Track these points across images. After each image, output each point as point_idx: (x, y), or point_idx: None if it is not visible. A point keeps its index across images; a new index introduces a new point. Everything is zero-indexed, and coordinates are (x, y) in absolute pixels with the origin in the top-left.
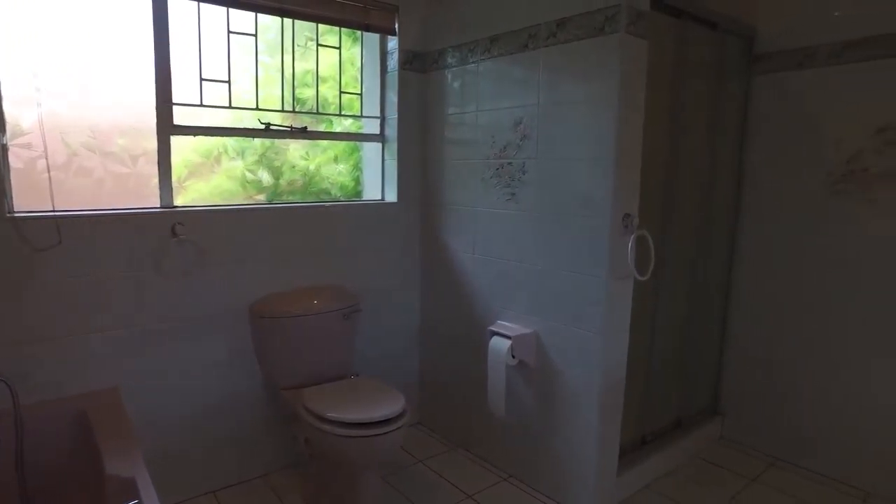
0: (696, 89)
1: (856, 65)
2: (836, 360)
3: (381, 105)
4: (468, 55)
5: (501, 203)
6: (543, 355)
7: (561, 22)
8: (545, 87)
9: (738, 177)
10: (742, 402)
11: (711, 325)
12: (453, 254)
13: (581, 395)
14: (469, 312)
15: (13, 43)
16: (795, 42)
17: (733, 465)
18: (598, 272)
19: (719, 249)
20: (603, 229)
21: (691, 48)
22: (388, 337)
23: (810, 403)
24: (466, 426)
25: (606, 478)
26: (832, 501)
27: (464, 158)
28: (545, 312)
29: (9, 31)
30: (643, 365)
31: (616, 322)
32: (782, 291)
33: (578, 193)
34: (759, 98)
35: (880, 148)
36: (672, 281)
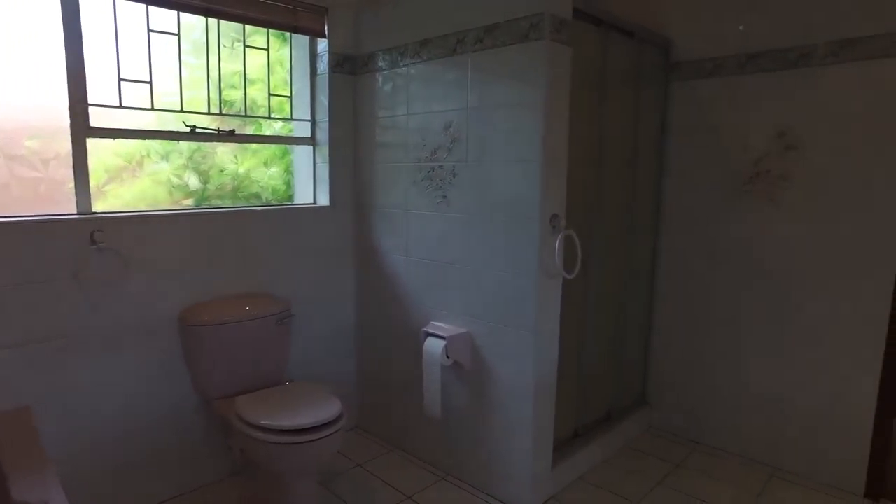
0: (618, 94)
1: (757, 75)
2: (745, 351)
3: (312, 108)
4: (398, 58)
5: (433, 205)
6: (477, 355)
7: (488, 28)
8: (474, 91)
9: (658, 178)
10: (667, 393)
11: (638, 320)
12: (387, 256)
13: (515, 392)
14: (404, 314)
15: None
16: (706, 52)
17: (660, 453)
18: (528, 272)
19: (643, 247)
20: (532, 230)
21: (612, 56)
22: (323, 341)
23: (725, 392)
24: (404, 427)
25: (541, 471)
26: (745, 478)
27: (395, 161)
28: (478, 312)
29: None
30: (575, 361)
31: (546, 320)
32: (698, 287)
33: (508, 195)
34: (676, 104)
35: (781, 152)
36: (600, 278)
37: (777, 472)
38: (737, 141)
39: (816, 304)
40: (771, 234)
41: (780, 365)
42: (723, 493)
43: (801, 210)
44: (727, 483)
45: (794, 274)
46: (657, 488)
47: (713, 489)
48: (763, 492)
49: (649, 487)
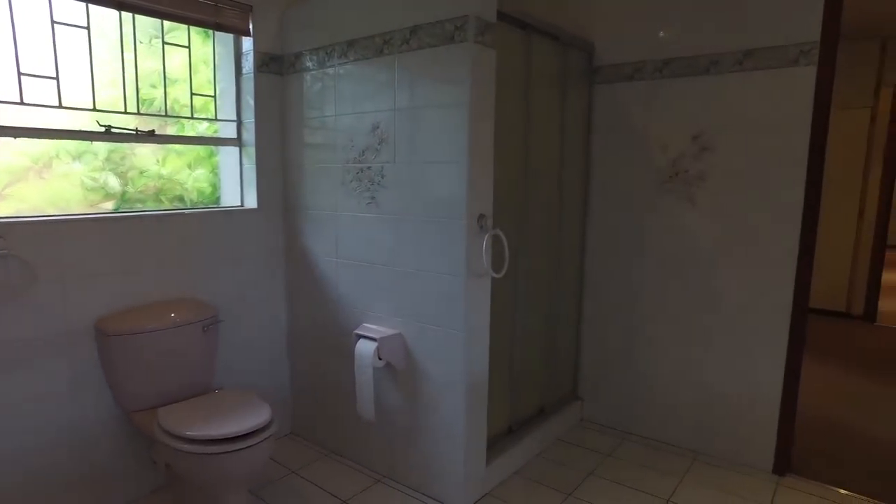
0: (543, 96)
1: (673, 80)
2: (669, 342)
3: (238, 108)
4: (325, 59)
5: (362, 207)
6: (409, 355)
7: (413, 29)
8: (401, 92)
9: (584, 178)
10: (598, 386)
11: (568, 316)
12: (317, 259)
13: (447, 392)
14: (336, 317)
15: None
16: (626, 57)
17: (592, 444)
18: (456, 272)
19: (572, 245)
20: (459, 230)
21: (537, 58)
22: (254, 347)
23: (651, 382)
24: (340, 432)
25: (475, 469)
26: (670, 463)
27: (324, 163)
28: (409, 313)
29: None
30: (507, 358)
31: (476, 319)
32: (624, 282)
33: (435, 196)
34: (599, 106)
35: (696, 153)
36: (529, 276)
37: (700, 456)
38: (656, 142)
39: (731, 295)
40: (690, 230)
41: (701, 354)
42: (649, 478)
43: (715, 207)
44: (654, 469)
45: (711, 267)
46: (589, 478)
47: (640, 475)
48: (686, 475)
49: (581, 478)
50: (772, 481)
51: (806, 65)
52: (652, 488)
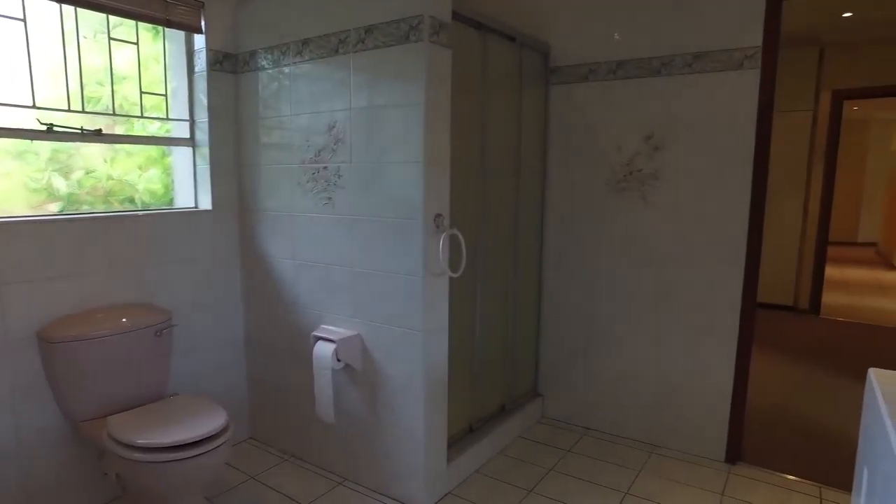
0: (500, 96)
1: (627, 80)
2: (626, 338)
3: (190, 107)
4: (280, 58)
5: (319, 207)
6: (368, 356)
7: (368, 29)
8: (357, 91)
9: (542, 177)
10: (558, 383)
11: (528, 313)
12: (274, 260)
13: (406, 392)
14: (293, 319)
15: None
16: (582, 58)
17: (552, 441)
18: (414, 272)
19: (530, 243)
20: (416, 230)
21: (493, 58)
22: (211, 351)
23: (610, 378)
24: (299, 435)
25: (436, 468)
26: (628, 457)
27: (280, 163)
28: (367, 314)
29: None
30: (467, 357)
31: (435, 318)
32: (582, 279)
33: (391, 196)
34: (556, 106)
35: (649, 153)
36: (488, 275)
37: (657, 449)
38: (611, 142)
39: (683, 291)
40: (644, 228)
41: (656, 350)
42: (608, 472)
43: (668, 205)
44: (612, 464)
45: (664, 264)
46: (549, 474)
47: (600, 470)
48: (643, 468)
49: (542, 474)
50: (724, 470)
51: (750, 68)
52: (611, 482)
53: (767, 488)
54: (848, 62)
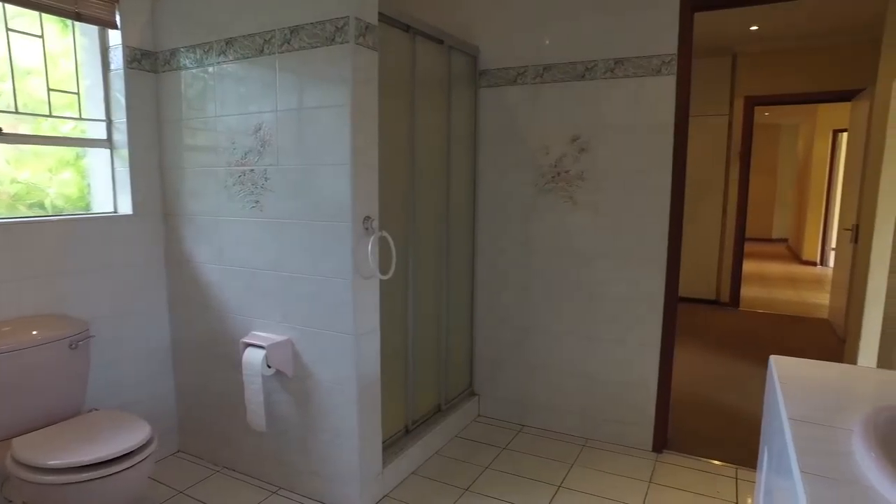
0: (430, 99)
1: (553, 84)
2: (558, 334)
3: (107, 107)
4: (204, 57)
5: (246, 211)
6: (300, 362)
7: (294, 29)
8: (283, 93)
9: (472, 179)
10: (492, 382)
11: (461, 313)
12: (200, 266)
13: (339, 396)
14: (222, 326)
15: None
16: (510, 62)
17: (488, 438)
18: (344, 275)
19: (462, 244)
20: (345, 233)
21: (422, 61)
22: (134, 362)
23: (543, 374)
24: (230, 445)
25: (372, 471)
26: (561, 451)
27: (205, 166)
28: (297, 318)
29: None
30: (402, 358)
31: (366, 321)
32: (514, 278)
33: (319, 198)
34: (485, 108)
35: (576, 154)
36: (421, 276)
37: (589, 442)
38: (539, 143)
39: (610, 288)
40: (572, 228)
41: (585, 346)
42: (542, 467)
43: (594, 205)
44: (547, 459)
45: (592, 262)
46: (486, 472)
47: (534, 465)
48: (575, 461)
49: (478, 472)
50: (651, 459)
51: (667, 74)
52: (545, 476)
53: (690, 473)
54: (758, 71)
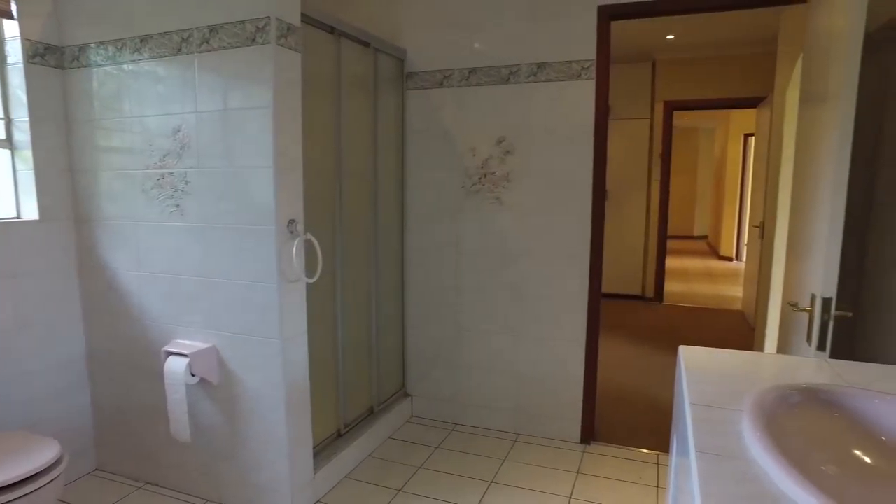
0: (356, 101)
1: (479, 87)
2: (488, 333)
3: (5, 104)
4: (117, 54)
5: (166, 215)
6: (225, 369)
7: (213, 29)
8: (203, 94)
9: (401, 180)
10: (425, 382)
11: (393, 315)
12: (117, 273)
13: (266, 402)
14: (142, 334)
15: None
16: (436, 64)
17: (421, 439)
18: (268, 278)
19: (391, 245)
20: (269, 236)
21: (348, 63)
22: (44, 375)
23: (474, 373)
24: (154, 460)
25: (303, 478)
26: (493, 448)
27: (121, 168)
28: (222, 325)
29: None
30: (332, 361)
31: (293, 325)
32: (444, 278)
33: (243, 202)
34: (412, 110)
35: (501, 156)
36: (350, 278)
37: (520, 437)
38: (466, 145)
39: (537, 286)
40: (499, 228)
41: (515, 343)
42: (474, 464)
43: (520, 205)
44: (478, 456)
45: (520, 260)
46: (419, 472)
47: (467, 462)
48: (507, 456)
49: (411, 473)
50: (579, 450)
51: (587, 79)
52: (477, 473)
53: (616, 461)
54: (676, 77)
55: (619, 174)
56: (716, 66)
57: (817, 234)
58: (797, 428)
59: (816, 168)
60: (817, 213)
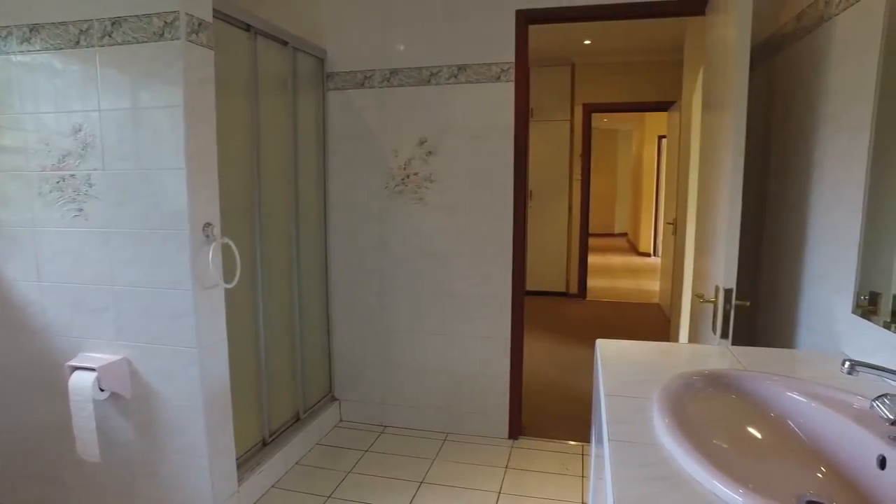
0: (274, 101)
1: (400, 88)
2: (416, 333)
3: None
4: (2, 44)
5: (68, 220)
6: (139, 381)
7: (116, 21)
8: (107, 90)
9: (323, 182)
10: (353, 385)
11: (318, 318)
12: (13, 283)
13: (185, 414)
14: (46, 349)
15: None
16: (357, 65)
17: (350, 443)
18: (183, 285)
19: (314, 247)
20: (183, 240)
21: (265, 62)
22: None
23: (403, 374)
24: (61, 484)
25: (226, 491)
26: (423, 448)
27: (14, 170)
28: (135, 335)
29: None
30: (254, 368)
31: (210, 333)
32: (369, 279)
33: (154, 205)
34: (334, 111)
35: (424, 157)
36: (271, 282)
37: (450, 436)
38: (388, 146)
39: (462, 286)
40: (423, 229)
41: (442, 342)
42: (404, 465)
43: (443, 206)
44: (409, 457)
45: (445, 260)
46: (348, 477)
47: (397, 464)
48: (437, 456)
49: (340, 478)
50: (508, 446)
51: (506, 81)
52: (407, 474)
53: (544, 454)
54: (594, 81)
55: (542, 174)
56: (631, 71)
57: (719, 231)
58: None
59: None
60: (718, 212)
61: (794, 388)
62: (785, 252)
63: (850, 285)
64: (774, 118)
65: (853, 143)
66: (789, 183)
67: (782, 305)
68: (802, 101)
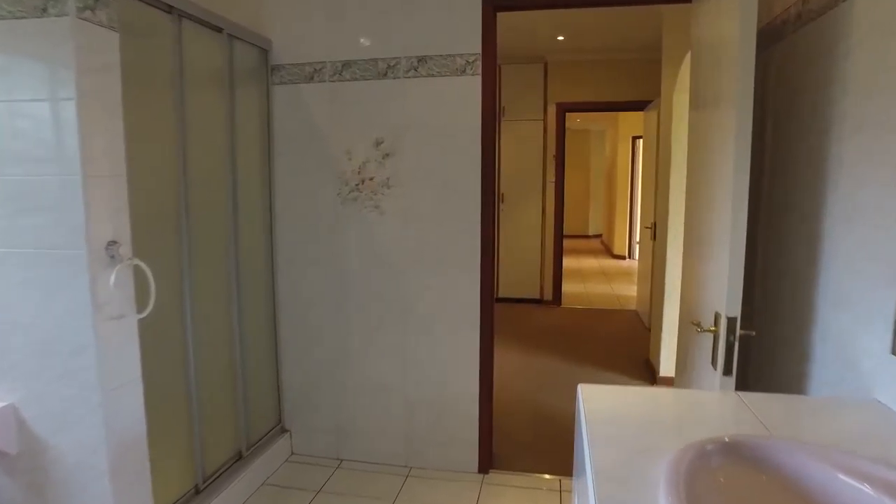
0: (206, 95)
1: (354, 83)
2: (372, 356)
3: None
4: None
5: None
6: (28, 432)
7: None
8: None
9: (268, 188)
10: (305, 414)
11: (262, 341)
12: None
13: (87, 471)
14: None
15: None
16: (306, 56)
17: (301, 481)
18: (81, 316)
19: (257, 262)
20: (79, 262)
21: (193, 50)
22: None
23: (359, 401)
24: None
25: None
26: (383, 485)
27: None
28: (23, 376)
29: None
30: (183, 406)
31: (119, 371)
32: (320, 298)
33: (39, 219)
34: (280, 108)
35: (380, 159)
36: (205, 306)
37: (413, 470)
38: (341, 147)
39: (427, 299)
40: (380, 239)
41: (401, 365)
42: None
43: (403, 213)
44: (367, 496)
45: (405, 273)
46: None
47: None
48: (399, 493)
49: None
50: (477, 481)
51: (472, 74)
52: None
53: (516, 491)
54: (568, 79)
55: (514, 176)
56: (603, 69)
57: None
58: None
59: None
60: (715, 224)
61: (848, 470)
62: (790, 268)
63: (883, 316)
64: (770, 115)
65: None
66: (793, 187)
67: (787, 333)
68: (809, 95)
